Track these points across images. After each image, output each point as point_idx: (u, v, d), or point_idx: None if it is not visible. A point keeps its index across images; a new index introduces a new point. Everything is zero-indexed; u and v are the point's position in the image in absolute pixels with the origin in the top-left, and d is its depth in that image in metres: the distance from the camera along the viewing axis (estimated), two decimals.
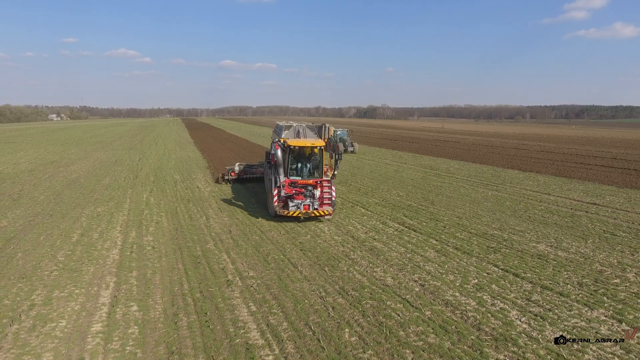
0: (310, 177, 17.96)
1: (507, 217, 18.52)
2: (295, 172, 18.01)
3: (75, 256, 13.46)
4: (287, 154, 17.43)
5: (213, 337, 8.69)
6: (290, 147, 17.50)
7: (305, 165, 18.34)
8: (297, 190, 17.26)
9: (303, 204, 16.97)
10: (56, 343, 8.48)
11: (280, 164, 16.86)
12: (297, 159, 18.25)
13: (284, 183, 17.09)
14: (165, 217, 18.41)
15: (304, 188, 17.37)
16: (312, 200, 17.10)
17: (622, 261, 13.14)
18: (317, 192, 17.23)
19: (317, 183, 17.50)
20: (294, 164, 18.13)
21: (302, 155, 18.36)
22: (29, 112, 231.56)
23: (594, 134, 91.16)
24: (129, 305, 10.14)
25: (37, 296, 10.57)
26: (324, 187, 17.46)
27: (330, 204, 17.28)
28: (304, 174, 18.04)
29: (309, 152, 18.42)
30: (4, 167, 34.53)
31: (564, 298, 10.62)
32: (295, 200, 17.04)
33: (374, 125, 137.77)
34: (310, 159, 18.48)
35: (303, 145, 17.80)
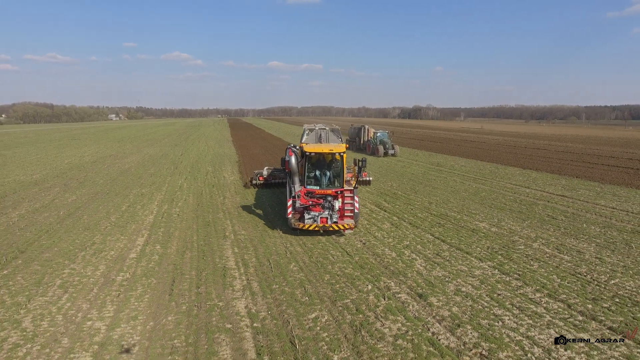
0: (330, 186, 16.32)
1: (472, 204, 21.74)
2: (313, 180, 16.46)
3: (122, 219, 18.60)
4: (304, 160, 16.10)
5: (204, 263, 13.22)
6: (306, 154, 15.93)
7: (324, 173, 16.59)
8: (313, 201, 15.73)
9: (320, 216, 15.42)
10: (107, 262, 13.35)
11: (295, 172, 15.67)
12: (315, 166, 16.60)
13: (299, 193, 15.69)
14: (191, 197, 23.39)
15: (323, 199, 15.90)
16: (331, 213, 15.54)
17: (540, 235, 16.28)
18: (337, 204, 15.78)
19: (338, 193, 15.98)
20: (312, 172, 16.48)
21: (321, 162, 16.73)
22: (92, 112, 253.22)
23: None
24: (155, 245, 14.93)
25: (96, 239, 15.63)
26: (346, 197, 15.93)
27: (353, 216, 15.79)
28: (322, 183, 16.40)
29: (330, 158, 16.65)
30: (72, 159, 41.63)
31: (466, 255, 14.15)
32: (312, 212, 15.54)
33: (410, 125, 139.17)
34: (330, 166, 16.73)
35: (320, 151, 15.94)
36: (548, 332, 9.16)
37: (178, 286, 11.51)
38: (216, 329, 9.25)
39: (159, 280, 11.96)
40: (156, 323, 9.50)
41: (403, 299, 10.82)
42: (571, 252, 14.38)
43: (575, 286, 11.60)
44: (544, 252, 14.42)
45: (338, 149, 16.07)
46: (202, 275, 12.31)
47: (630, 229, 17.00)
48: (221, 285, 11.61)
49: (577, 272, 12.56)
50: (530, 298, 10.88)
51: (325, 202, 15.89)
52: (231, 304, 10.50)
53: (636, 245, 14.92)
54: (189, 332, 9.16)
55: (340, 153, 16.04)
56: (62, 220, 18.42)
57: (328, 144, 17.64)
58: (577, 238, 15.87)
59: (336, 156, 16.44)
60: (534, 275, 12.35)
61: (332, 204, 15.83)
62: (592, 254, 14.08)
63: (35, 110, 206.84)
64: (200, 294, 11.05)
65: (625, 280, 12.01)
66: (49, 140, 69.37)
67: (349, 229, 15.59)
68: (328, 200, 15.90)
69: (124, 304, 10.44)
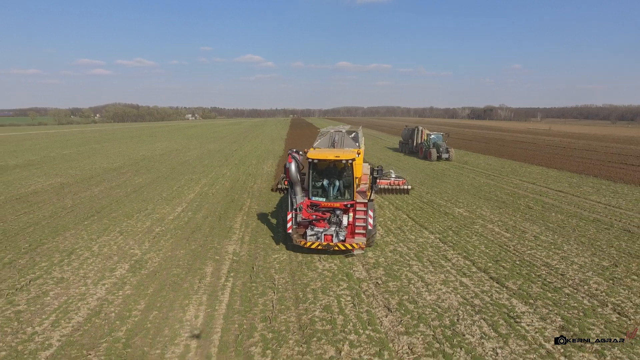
0: (339, 198, 14.19)
1: (466, 195, 24.38)
2: (320, 191, 14.42)
3: (171, 195, 24.09)
4: (309, 168, 14.25)
5: (218, 224, 17.90)
6: (310, 161, 13.96)
7: (333, 183, 14.38)
8: (318, 216, 13.82)
9: (325, 233, 13.64)
10: (152, 220, 18.57)
11: (296, 181, 13.83)
12: (322, 175, 14.52)
13: (301, 205, 13.80)
14: (229, 182, 28.54)
15: (331, 212, 13.96)
16: (338, 229, 13.74)
17: (501, 219, 18.89)
18: (346, 219, 13.91)
19: (348, 207, 13.98)
20: (319, 181, 14.47)
21: (330, 170, 14.57)
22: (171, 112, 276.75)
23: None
24: (187, 212, 19.99)
25: (149, 207, 21.09)
26: (358, 211, 13.93)
27: (365, 234, 13.81)
28: (329, 195, 14.24)
29: (341, 166, 14.31)
30: (145, 152, 49.47)
31: (423, 229, 17.38)
32: (315, 228, 13.83)
33: (473, 126, 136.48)
34: (341, 175, 14.43)
35: (324, 157, 13.82)
36: (439, 276, 12.48)
37: (194, 236, 16.29)
38: (208, 258, 13.81)
39: (183, 232, 16.86)
40: (172, 254, 14.28)
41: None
42: (516, 231, 17.01)
43: (492, 252, 14.53)
44: (491, 230, 17.19)
45: (346, 155, 13.65)
46: (213, 231, 17.01)
47: (593, 218, 18.93)
48: (223, 237, 16.18)
49: (504, 245, 15.37)
50: (446, 257, 14.09)
51: (333, 216, 13.86)
52: (224, 247, 15.02)
53: (580, 229, 17.12)
54: (190, 258, 13.81)
55: (349, 160, 13.56)
56: (128, 194, 24.35)
57: (337, 149, 15.45)
58: (533, 222, 18.28)
59: (344, 164, 13.98)
60: (465, 244, 15.39)
61: (340, 219, 13.80)
62: (533, 234, 16.62)
63: (123, 111, 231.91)
64: (207, 240, 15.72)
65: (540, 251, 14.65)
66: (130, 137, 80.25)
67: (358, 249, 13.38)
68: (336, 215, 13.82)
69: (156, 243, 15.40)
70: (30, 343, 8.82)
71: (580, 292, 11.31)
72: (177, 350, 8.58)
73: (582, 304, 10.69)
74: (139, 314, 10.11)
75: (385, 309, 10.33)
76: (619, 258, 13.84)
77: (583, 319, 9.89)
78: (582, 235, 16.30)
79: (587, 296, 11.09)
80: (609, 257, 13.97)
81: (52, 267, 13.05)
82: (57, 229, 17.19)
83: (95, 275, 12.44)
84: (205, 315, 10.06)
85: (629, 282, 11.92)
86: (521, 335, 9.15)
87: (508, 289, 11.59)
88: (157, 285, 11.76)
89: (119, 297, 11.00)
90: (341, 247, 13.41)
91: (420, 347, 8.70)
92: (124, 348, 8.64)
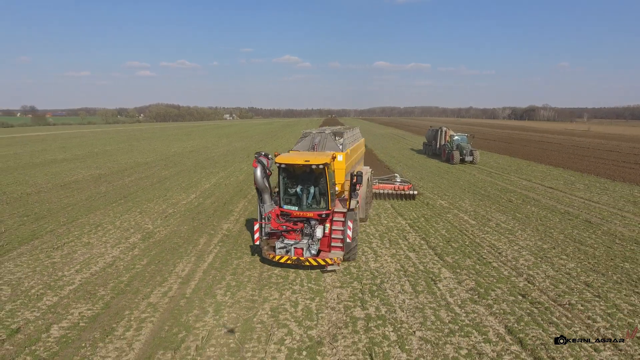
0: (314, 207, 12.83)
1: (455, 189, 26.15)
2: (293, 199, 13.06)
3: (189, 185, 27.44)
4: (279, 173, 12.81)
5: (222, 208, 20.84)
6: (279, 166, 12.60)
7: (307, 190, 12.89)
8: (288, 226, 12.72)
9: (296, 246, 12.46)
10: (168, 204, 21.82)
11: (263, 188, 12.86)
12: (296, 182, 13.08)
13: (269, 215, 12.84)
14: (243, 175, 31.65)
15: (305, 223, 12.81)
16: (310, 242, 12.60)
17: (475, 210, 20.68)
18: (320, 231, 12.64)
19: (323, 216, 12.72)
20: (292, 188, 13.08)
21: (305, 176, 12.91)
22: (210, 112, 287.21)
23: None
24: (199, 199, 23.14)
25: (168, 194, 24.44)
26: (335, 222, 12.81)
27: (342, 247, 12.72)
28: (302, 203, 12.83)
29: (318, 171, 12.50)
30: (177, 149, 53.84)
31: (398, 216, 19.54)
32: (285, 240, 12.77)
33: (506, 126, 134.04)
34: (318, 181, 12.81)
35: (292, 162, 12.43)
36: (390, 250, 14.72)
37: (198, 216, 19.32)
38: (204, 233, 16.74)
39: (191, 213, 19.94)
40: (177, 229, 17.33)
41: None
42: (482, 219, 18.85)
43: (449, 235, 16.56)
44: (460, 219, 19.11)
45: (318, 159, 12.25)
46: (216, 213, 19.99)
47: (564, 210, 20.37)
48: (223, 218, 19.10)
49: (464, 230, 17.33)
50: (405, 237, 16.27)
51: (308, 227, 12.76)
52: (221, 225, 17.92)
53: (543, 220, 18.70)
54: (190, 232, 16.79)
55: (320, 165, 12.00)
56: (153, 184, 27.93)
57: (310, 152, 14.04)
58: (504, 213, 20.00)
59: (314, 169, 12.31)
60: (429, 229, 17.48)
61: (313, 230, 12.66)
62: (497, 222, 18.41)
63: (165, 111, 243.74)
64: (208, 220, 18.69)
65: (492, 235, 16.51)
66: (167, 135, 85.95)
67: (333, 264, 12.22)
68: (312, 226, 12.72)
69: (166, 220, 18.55)
70: (59, 281, 11.99)
71: (506, 266, 13.25)
72: (162, 289, 11.45)
73: (500, 273, 12.66)
74: (140, 267, 13.11)
75: (333, 271, 12.76)
76: (561, 242, 15.52)
77: (493, 284, 11.91)
78: (542, 224, 17.93)
79: (510, 269, 13.02)
80: (553, 241, 15.67)
81: (82, 235, 16.42)
82: (90, 209, 20.76)
83: (114, 241, 15.66)
84: (189, 269, 12.91)
85: (554, 260, 13.70)
86: (432, 292, 11.34)
87: (444, 261, 13.70)
88: (159, 249, 14.78)
89: (129, 256, 14.09)
90: (312, 262, 12.11)
91: (345, 296, 11.10)
92: (124, 287, 11.62)
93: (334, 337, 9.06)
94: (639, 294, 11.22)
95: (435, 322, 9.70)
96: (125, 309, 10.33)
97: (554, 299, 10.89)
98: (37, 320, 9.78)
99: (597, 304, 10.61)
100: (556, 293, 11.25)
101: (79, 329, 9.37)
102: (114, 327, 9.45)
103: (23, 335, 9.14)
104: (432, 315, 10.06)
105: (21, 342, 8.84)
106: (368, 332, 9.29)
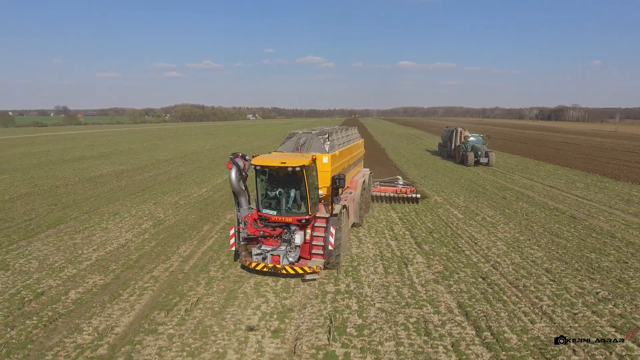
0: (294, 212, 12.16)
1: (454, 187, 27.08)
2: (273, 203, 12.38)
3: (202, 180, 29.39)
4: (255, 176, 12.36)
5: (228, 199, 22.60)
6: (254, 168, 12.07)
7: (287, 194, 12.25)
8: (266, 232, 12.09)
9: (273, 252, 11.98)
10: (180, 196, 23.74)
11: (239, 191, 12.50)
12: (276, 185, 12.42)
13: (246, 219, 12.25)
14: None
15: (285, 228, 12.28)
16: (289, 249, 12.16)
17: (466, 205, 21.70)
18: (299, 237, 12.14)
19: (303, 222, 12.18)
20: (272, 192, 12.42)
21: (286, 179, 12.18)
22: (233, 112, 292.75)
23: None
24: (209, 192, 24.97)
25: (181, 188, 26.41)
26: (317, 228, 12.36)
27: (323, 254, 12.29)
28: (281, 207, 12.16)
29: (298, 174, 11.73)
30: (196, 147, 56.35)
31: (390, 210, 20.77)
32: (263, 246, 12.23)
33: (528, 127, 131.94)
34: (300, 185, 12.06)
35: (268, 164, 11.89)
36: (374, 239, 16.05)
37: (206, 207, 21.10)
38: (209, 221, 18.47)
39: (200, 204, 21.76)
40: (185, 217, 19.14)
41: None
42: (470, 214, 19.89)
43: (433, 227, 17.72)
44: (450, 213, 20.21)
45: (295, 161, 11.50)
46: (222, 204, 21.73)
47: (554, 207, 21.14)
48: (228, 208, 20.79)
49: (449, 222, 18.44)
50: (392, 228, 17.54)
51: (288, 233, 12.28)
52: (225, 214, 19.63)
53: (529, 215, 19.57)
54: (197, 220, 18.55)
55: (297, 168, 11.33)
56: (170, 179, 30.04)
57: (287, 154, 13.35)
58: (493, 208, 20.95)
59: (291, 171, 11.58)
60: (416, 222, 18.66)
61: (292, 236, 12.18)
62: (483, 216, 19.43)
63: (190, 111, 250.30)
64: (214, 210, 20.44)
65: (474, 227, 17.56)
66: (189, 134, 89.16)
67: (312, 272, 11.78)
68: (292, 231, 12.24)
69: (177, 210, 20.41)
70: (79, 258, 13.90)
71: (477, 254, 14.38)
72: (164, 265, 13.17)
73: (470, 259, 13.82)
74: (149, 248, 14.92)
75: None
76: (538, 235, 16.47)
77: (460, 268, 13.09)
78: (526, 219, 18.85)
79: (480, 256, 14.15)
80: (531, 234, 16.64)
81: (101, 222, 18.44)
82: (110, 200, 22.89)
83: (128, 227, 17.59)
84: (190, 250, 14.63)
85: (524, 250, 14.73)
86: (401, 274, 12.63)
87: (421, 249, 14.94)
88: (167, 234, 16.58)
89: (139, 239, 15.94)
90: (290, 270, 11.62)
91: (322, 275, 12.53)
92: (133, 263, 13.41)
93: (303, 306, 10.52)
94: (592, 279, 12.19)
95: (395, 297, 11.02)
96: (131, 280, 12.09)
97: (511, 282, 12.01)
98: (58, 286, 11.64)
99: (549, 286, 11.68)
100: (515, 277, 12.36)
101: (91, 294, 11.17)
102: (120, 293, 11.21)
103: (46, 297, 10.99)
104: (395, 291, 11.38)
105: (44, 302, 10.69)
106: (334, 302, 10.70)
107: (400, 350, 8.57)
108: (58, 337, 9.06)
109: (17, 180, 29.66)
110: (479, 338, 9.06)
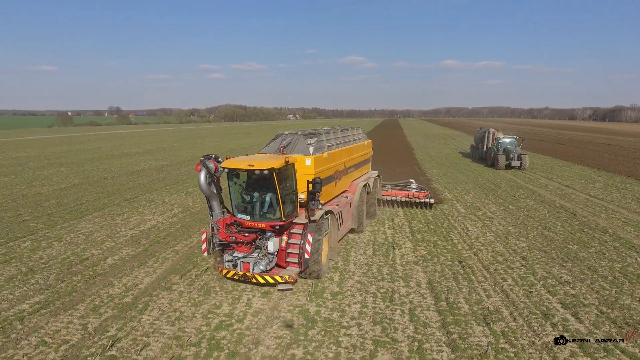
0: (268, 217, 11.66)
1: (468, 185, 27.97)
2: (248, 207, 11.93)
3: None
4: (227, 179, 12.05)
5: None
6: (225, 170, 11.66)
7: (263, 198, 11.79)
8: (238, 237, 11.46)
9: (242, 260, 11.48)
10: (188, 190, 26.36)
11: (209, 195, 11.65)
12: (251, 189, 12.05)
13: (218, 224, 11.64)
14: None
15: (260, 234, 11.79)
16: (261, 256, 11.59)
17: (473, 201, 22.72)
18: (272, 244, 11.55)
19: (277, 228, 11.51)
20: (248, 195, 12.06)
21: (264, 182, 11.45)
22: (275, 113, 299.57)
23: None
24: None
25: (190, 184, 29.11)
26: (293, 235, 11.73)
27: (299, 263, 11.52)
28: (255, 212, 11.70)
29: (271, 178, 10.93)
30: (232, 146, 59.84)
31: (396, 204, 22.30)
32: (235, 253, 11.73)
33: (574, 128, 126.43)
34: (274, 189, 11.21)
35: (236, 167, 11.37)
36: (373, 227, 17.68)
37: None
38: None
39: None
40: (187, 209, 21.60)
41: None
42: (473, 209, 20.97)
43: (432, 219, 19.06)
44: (454, 207, 21.40)
45: (263, 164, 10.80)
46: None
47: (560, 204, 21.73)
48: None
49: (449, 216, 19.69)
50: (392, 219, 19.07)
51: (263, 239, 11.81)
52: None
53: (531, 211, 20.36)
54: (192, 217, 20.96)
55: (265, 171, 10.65)
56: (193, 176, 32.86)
57: (258, 156, 12.61)
58: (498, 205, 21.89)
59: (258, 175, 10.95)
60: (418, 214, 20.03)
61: (265, 242, 11.71)
62: (485, 211, 20.47)
63: (233, 111, 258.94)
64: None
65: (472, 220, 18.73)
66: (229, 134, 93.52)
67: (284, 282, 11.24)
68: (267, 237, 11.77)
69: (204, 200, 22.91)
70: (117, 234, 16.59)
71: (464, 243, 15.65)
72: (186, 242, 15.54)
73: (455, 247, 15.16)
74: (175, 229, 17.40)
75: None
76: (530, 229, 17.41)
77: (442, 253, 14.50)
78: (526, 215, 19.71)
79: (466, 245, 15.43)
80: (523, 227, 17.60)
81: (139, 207, 21.28)
82: (149, 190, 25.90)
83: (160, 212, 20.27)
84: None
85: (510, 240, 15.83)
86: (386, 255, 14.23)
87: (414, 237, 16.41)
88: (192, 219, 19.06)
89: (169, 221, 18.52)
90: (259, 279, 11.07)
91: None
92: (160, 240, 15.89)
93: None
94: (563, 266, 13.23)
95: (374, 273, 12.67)
96: (157, 252, 14.53)
97: (484, 266, 13.29)
98: (98, 254, 14.27)
99: (517, 271, 12.88)
100: (490, 262, 13.62)
101: (124, 261, 13.68)
102: (147, 261, 13.63)
103: (89, 262, 13.61)
104: (376, 269, 13.02)
105: (87, 265, 13.30)
106: None
107: (363, 311, 10.27)
108: (95, 289, 11.52)
109: (72, 172, 33.67)
110: (435, 306, 10.57)
